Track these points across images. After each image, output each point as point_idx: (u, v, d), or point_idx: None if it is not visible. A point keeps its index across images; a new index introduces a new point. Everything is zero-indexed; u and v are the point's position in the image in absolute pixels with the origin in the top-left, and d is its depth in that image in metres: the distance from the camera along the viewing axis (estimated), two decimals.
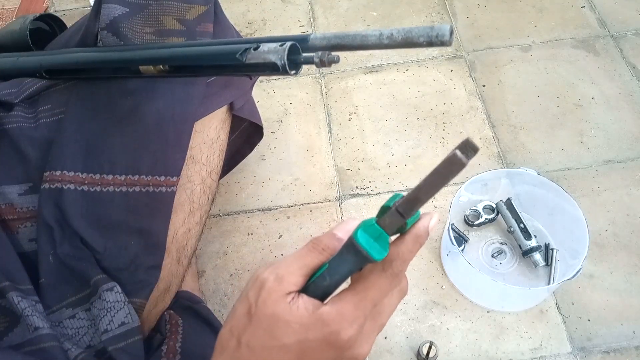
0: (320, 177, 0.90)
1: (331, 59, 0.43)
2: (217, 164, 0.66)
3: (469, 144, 0.30)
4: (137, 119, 0.57)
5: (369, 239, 0.35)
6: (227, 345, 0.38)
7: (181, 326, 0.60)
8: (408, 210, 0.34)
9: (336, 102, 0.99)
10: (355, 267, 0.37)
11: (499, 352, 0.72)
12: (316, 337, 0.36)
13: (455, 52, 1.05)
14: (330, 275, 0.37)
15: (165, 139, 0.57)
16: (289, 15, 1.15)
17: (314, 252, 0.38)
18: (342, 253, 0.37)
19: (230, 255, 0.82)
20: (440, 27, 0.39)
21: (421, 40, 0.40)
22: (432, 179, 0.32)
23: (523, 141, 0.92)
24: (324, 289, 0.37)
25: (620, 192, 0.85)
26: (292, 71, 0.45)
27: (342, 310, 0.36)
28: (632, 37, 1.05)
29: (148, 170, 0.57)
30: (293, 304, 0.36)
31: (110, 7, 0.59)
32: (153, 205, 0.57)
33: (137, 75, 0.54)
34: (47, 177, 0.56)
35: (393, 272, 0.36)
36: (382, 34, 0.42)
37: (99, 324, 0.52)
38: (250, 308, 0.37)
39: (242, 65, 0.46)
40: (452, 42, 0.38)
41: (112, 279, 0.54)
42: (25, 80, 0.62)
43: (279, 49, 0.44)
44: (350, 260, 0.36)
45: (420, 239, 0.36)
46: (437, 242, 0.81)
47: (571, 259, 0.74)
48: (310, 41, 0.46)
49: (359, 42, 0.43)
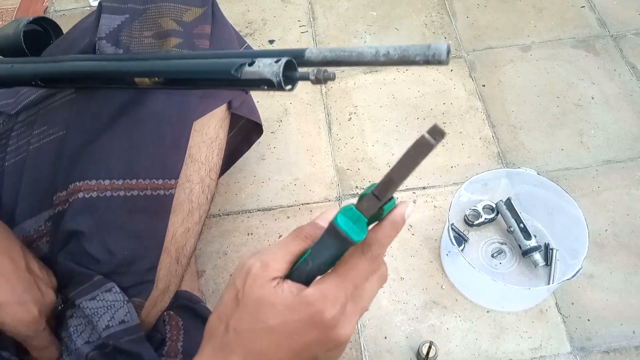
0: (320, 177, 0.90)
1: (327, 76, 0.43)
2: (216, 163, 0.66)
3: (436, 129, 0.32)
4: (134, 123, 0.56)
5: (348, 222, 0.37)
6: (216, 331, 0.39)
7: (182, 327, 0.60)
8: (383, 192, 0.36)
9: (336, 102, 0.99)
10: (336, 250, 0.39)
11: (498, 352, 0.72)
12: (300, 318, 0.37)
13: (455, 52, 1.05)
14: (312, 260, 0.39)
15: (163, 142, 0.57)
16: (288, 15, 1.15)
17: (297, 239, 0.40)
18: (323, 238, 0.39)
19: (230, 255, 0.82)
20: (437, 46, 0.39)
21: (418, 59, 0.40)
22: (403, 162, 0.35)
23: (523, 141, 0.92)
24: (306, 273, 0.39)
25: (620, 192, 0.85)
26: (287, 87, 0.45)
27: (324, 291, 0.38)
28: (632, 37, 1.05)
29: (146, 174, 0.56)
30: (278, 288, 0.38)
31: (109, 17, 0.59)
32: (151, 209, 0.57)
33: (132, 86, 0.54)
34: (56, 200, 0.56)
35: (372, 255, 0.38)
36: (379, 52, 0.42)
37: (98, 321, 0.52)
38: (237, 294, 0.38)
39: (237, 81, 0.46)
40: (449, 62, 0.39)
41: (111, 280, 0.54)
42: (22, 90, 0.62)
43: (274, 65, 0.44)
44: (330, 243, 0.38)
45: (396, 225, 0.38)
46: (437, 242, 0.81)
47: (571, 258, 0.74)
48: (306, 56, 0.45)
49: (355, 59, 0.43)
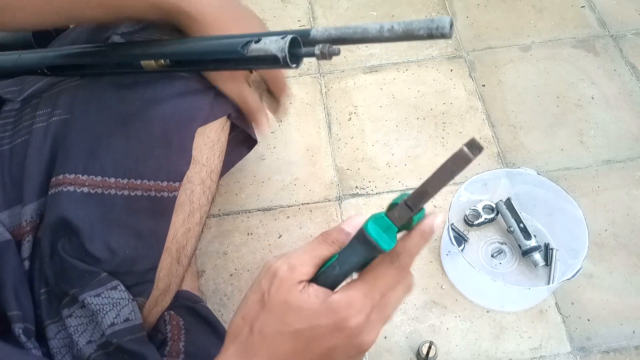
0: (320, 176, 0.90)
1: (332, 51, 0.43)
2: (217, 165, 0.66)
3: (474, 143, 0.33)
4: (143, 124, 0.56)
5: (378, 230, 0.37)
6: (240, 332, 0.39)
7: (183, 327, 0.60)
8: (416, 203, 0.36)
9: (336, 102, 0.99)
10: (364, 257, 0.39)
11: (498, 352, 0.72)
12: (326, 323, 0.38)
13: (455, 52, 1.06)
14: (340, 265, 0.39)
15: (170, 145, 0.57)
16: (288, 15, 1.15)
17: (323, 244, 0.41)
18: (352, 244, 0.39)
19: (230, 255, 0.82)
20: (440, 19, 0.39)
21: (421, 33, 0.40)
22: (439, 174, 0.35)
23: (523, 141, 0.92)
24: (333, 278, 0.40)
25: (620, 192, 0.85)
26: (293, 64, 0.45)
27: (351, 298, 0.38)
28: (631, 37, 1.05)
29: (151, 175, 0.56)
30: (304, 292, 0.38)
31: None
32: (154, 210, 0.57)
33: (139, 70, 0.53)
34: (53, 183, 0.56)
35: (400, 264, 0.38)
36: (383, 27, 0.42)
37: (103, 318, 0.52)
38: (263, 296, 0.39)
39: (243, 59, 0.46)
40: (452, 35, 0.39)
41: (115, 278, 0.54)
42: (28, 78, 0.62)
43: (280, 41, 0.44)
44: (359, 250, 0.38)
45: (425, 234, 0.38)
46: (436, 242, 0.81)
47: (571, 258, 0.74)
48: (312, 35, 0.46)
49: (360, 35, 0.43)
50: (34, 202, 0.56)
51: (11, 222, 0.57)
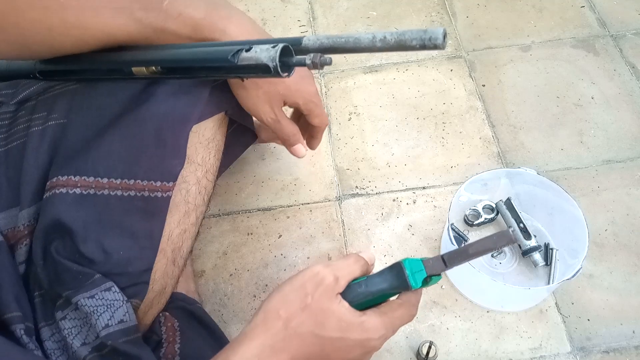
0: (320, 176, 0.90)
1: (323, 61, 0.43)
2: (213, 164, 0.66)
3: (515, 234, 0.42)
4: (136, 123, 0.56)
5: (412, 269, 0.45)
6: (273, 326, 0.43)
7: (178, 328, 0.60)
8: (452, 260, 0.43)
9: (336, 101, 0.99)
10: (390, 287, 0.46)
11: (498, 352, 0.72)
12: (354, 338, 0.44)
13: (455, 51, 1.05)
14: (366, 285, 0.46)
15: (164, 145, 0.57)
16: (288, 15, 1.14)
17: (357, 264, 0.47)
18: (384, 272, 0.46)
19: (229, 255, 0.82)
20: (433, 30, 0.39)
21: (414, 44, 0.40)
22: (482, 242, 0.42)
23: (523, 141, 0.92)
24: (355, 294, 0.46)
25: (620, 192, 0.85)
26: (284, 73, 0.45)
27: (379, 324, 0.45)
28: (631, 37, 1.05)
29: (144, 175, 0.56)
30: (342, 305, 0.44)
31: None
32: (148, 210, 0.56)
33: (130, 76, 0.53)
34: (48, 187, 0.55)
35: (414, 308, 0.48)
36: (375, 37, 0.42)
37: (97, 319, 0.51)
38: (307, 297, 0.43)
39: (234, 67, 0.46)
40: (445, 46, 0.39)
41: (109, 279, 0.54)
42: (22, 81, 0.62)
43: (271, 50, 0.44)
44: (389, 279, 0.46)
45: None
46: (436, 242, 0.81)
47: (571, 258, 0.74)
48: (304, 44, 0.45)
49: (352, 45, 0.43)
50: (31, 207, 0.56)
51: (6, 225, 0.56)
